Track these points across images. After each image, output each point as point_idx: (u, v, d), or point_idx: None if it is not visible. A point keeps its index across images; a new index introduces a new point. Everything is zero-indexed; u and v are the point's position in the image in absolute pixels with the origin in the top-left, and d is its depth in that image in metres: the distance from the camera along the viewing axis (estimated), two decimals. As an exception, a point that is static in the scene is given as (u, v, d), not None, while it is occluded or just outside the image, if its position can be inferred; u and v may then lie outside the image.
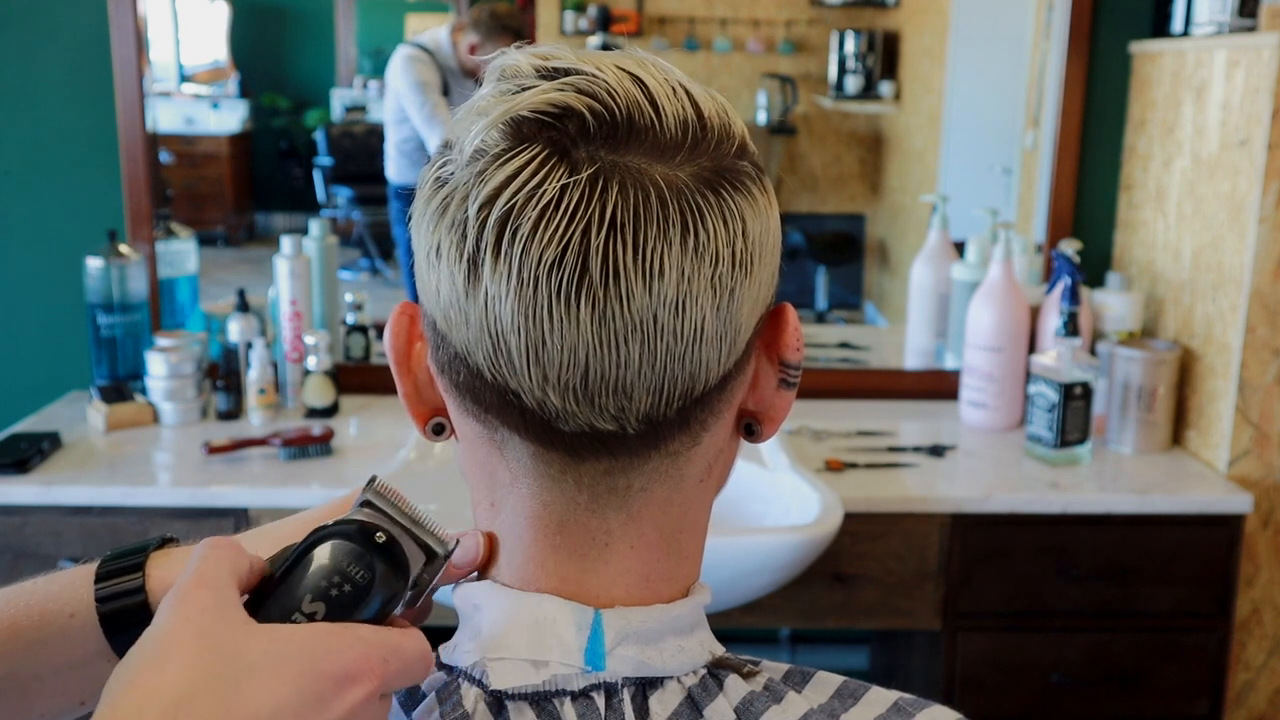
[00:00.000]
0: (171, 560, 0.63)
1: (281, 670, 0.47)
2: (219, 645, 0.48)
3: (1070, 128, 2.18)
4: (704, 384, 0.53)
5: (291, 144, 2.62)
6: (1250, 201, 1.77)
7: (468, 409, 0.56)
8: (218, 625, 0.49)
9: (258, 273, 2.27)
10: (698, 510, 0.60)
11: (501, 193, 0.50)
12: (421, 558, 0.54)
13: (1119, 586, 1.82)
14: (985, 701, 1.85)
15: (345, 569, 0.53)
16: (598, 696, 0.55)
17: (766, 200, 0.55)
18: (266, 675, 0.47)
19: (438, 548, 0.55)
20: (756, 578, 1.63)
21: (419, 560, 0.54)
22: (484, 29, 2.35)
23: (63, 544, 1.75)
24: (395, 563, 0.54)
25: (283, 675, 0.47)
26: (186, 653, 0.47)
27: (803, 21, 2.50)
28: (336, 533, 0.53)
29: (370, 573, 0.53)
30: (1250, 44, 1.77)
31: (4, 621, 0.61)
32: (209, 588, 0.50)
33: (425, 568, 0.54)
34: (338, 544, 0.53)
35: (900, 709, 0.59)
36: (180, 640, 0.48)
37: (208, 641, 0.48)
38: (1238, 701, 1.92)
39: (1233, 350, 1.83)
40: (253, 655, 0.48)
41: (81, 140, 2.14)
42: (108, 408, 1.97)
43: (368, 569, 0.53)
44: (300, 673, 0.48)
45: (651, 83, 0.52)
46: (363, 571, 0.53)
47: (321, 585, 0.52)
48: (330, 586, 0.52)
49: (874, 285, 2.70)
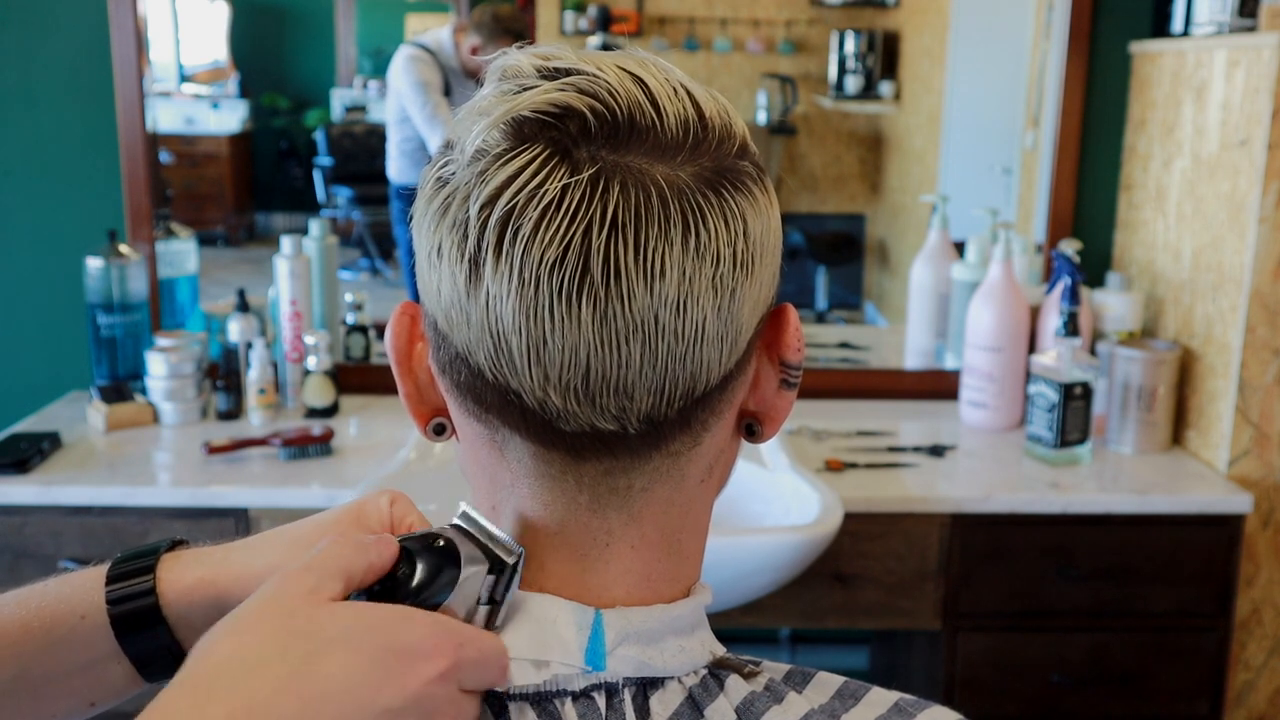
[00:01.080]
0: (182, 563, 0.63)
1: (357, 646, 0.48)
2: (299, 621, 0.49)
3: (1070, 128, 2.18)
4: (705, 384, 0.53)
5: (291, 144, 2.62)
6: (1250, 201, 1.77)
7: (469, 409, 0.56)
8: (302, 604, 0.50)
9: (258, 273, 2.27)
10: (699, 510, 0.60)
11: (503, 193, 0.50)
12: (485, 564, 0.55)
13: (1119, 586, 1.82)
14: (985, 701, 1.85)
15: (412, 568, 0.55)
16: (598, 697, 0.55)
17: (768, 200, 0.55)
18: (341, 650, 0.48)
19: (506, 557, 0.55)
20: (756, 578, 1.63)
21: (481, 566, 0.55)
22: (486, 31, 2.36)
23: (63, 544, 1.75)
24: (451, 560, 0.55)
25: (358, 650, 0.48)
26: (267, 624, 0.48)
27: (803, 21, 2.50)
28: (410, 541, 0.56)
29: (434, 571, 0.55)
30: (1250, 44, 1.77)
31: (15, 623, 0.61)
32: (313, 573, 0.51)
33: (498, 580, 0.55)
34: (412, 548, 0.55)
35: (901, 709, 0.59)
36: (264, 613, 0.49)
37: (289, 617, 0.49)
38: (1238, 701, 1.92)
39: (1233, 350, 1.83)
40: (331, 631, 0.49)
41: (81, 140, 2.14)
42: (108, 408, 1.97)
43: (432, 568, 0.55)
44: (374, 646, 0.49)
45: (653, 83, 0.52)
46: (428, 570, 0.55)
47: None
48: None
49: (874, 285, 2.70)
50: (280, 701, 0.46)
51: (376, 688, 0.48)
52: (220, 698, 0.45)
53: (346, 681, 0.47)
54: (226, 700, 0.45)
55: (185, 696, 0.46)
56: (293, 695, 0.46)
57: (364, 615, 0.50)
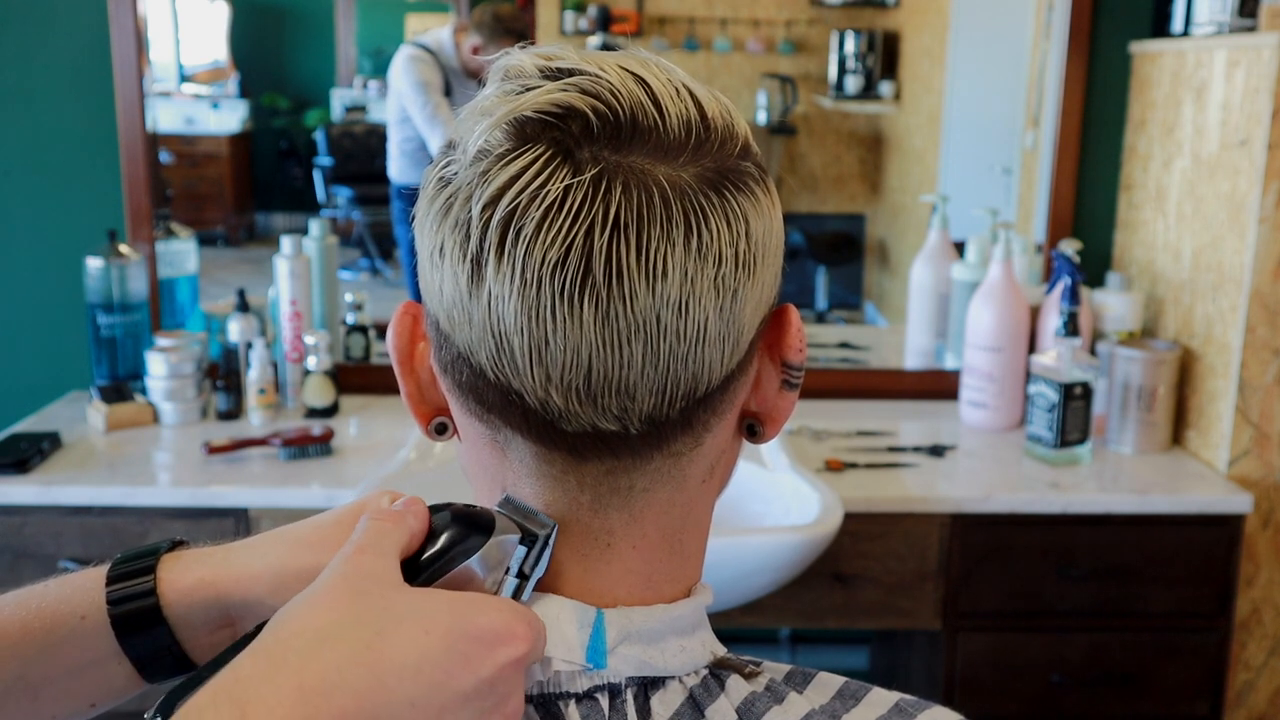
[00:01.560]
0: (182, 563, 0.63)
1: (431, 625, 0.48)
2: (371, 597, 0.49)
3: (1070, 128, 2.18)
4: (707, 384, 0.53)
5: (291, 144, 2.62)
6: (1250, 201, 1.77)
7: (470, 409, 0.56)
8: (373, 583, 0.50)
9: (258, 273, 2.27)
10: (700, 511, 0.60)
11: (505, 193, 0.50)
12: (517, 534, 0.55)
13: (1119, 586, 1.82)
14: (985, 701, 1.85)
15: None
16: (602, 698, 0.56)
17: (769, 201, 0.55)
18: (414, 628, 0.48)
19: (539, 531, 0.56)
20: (757, 578, 1.63)
21: (514, 535, 0.55)
22: (487, 31, 2.36)
23: (63, 544, 1.75)
24: (482, 528, 0.55)
25: (431, 630, 0.48)
26: (340, 600, 0.48)
27: (803, 21, 2.50)
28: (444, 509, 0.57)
29: (462, 536, 0.55)
30: (1250, 44, 1.77)
31: (15, 623, 0.61)
32: (372, 553, 0.51)
33: (529, 552, 0.56)
34: (449, 511, 0.56)
35: (901, 710, 0.59)
36: (336, 590, 0.49)
37: (361, 594, 0.49)
38: (1238, 701, 1.92)
39: (1233, 350, 1.83)
40: (402, 609, 0.49)
41: (81, 140, 2.14)
42: (108, 408, 1.97)
43: (459, 535, 0.55)
44: (449, 630, 0.48)
45: (655, 83, 0.52)
46: (455, 535, 0.55)
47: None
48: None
49: (874, 285, 2.70)
50: (352, 674, 0.46)
51: (450, 670, 0.48)
52: (292, 667, 0.45)
53: (420, 660, 0.47)
54: (298, 671, 0.45)
55: (258, 666, 0.46)
56: (364, 668, 0.46)
57: (438, 598, 0.50)
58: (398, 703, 0.46)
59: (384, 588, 0.50)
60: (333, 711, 0.45)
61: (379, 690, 0.46)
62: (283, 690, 0.44)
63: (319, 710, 0.44)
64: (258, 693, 0.44)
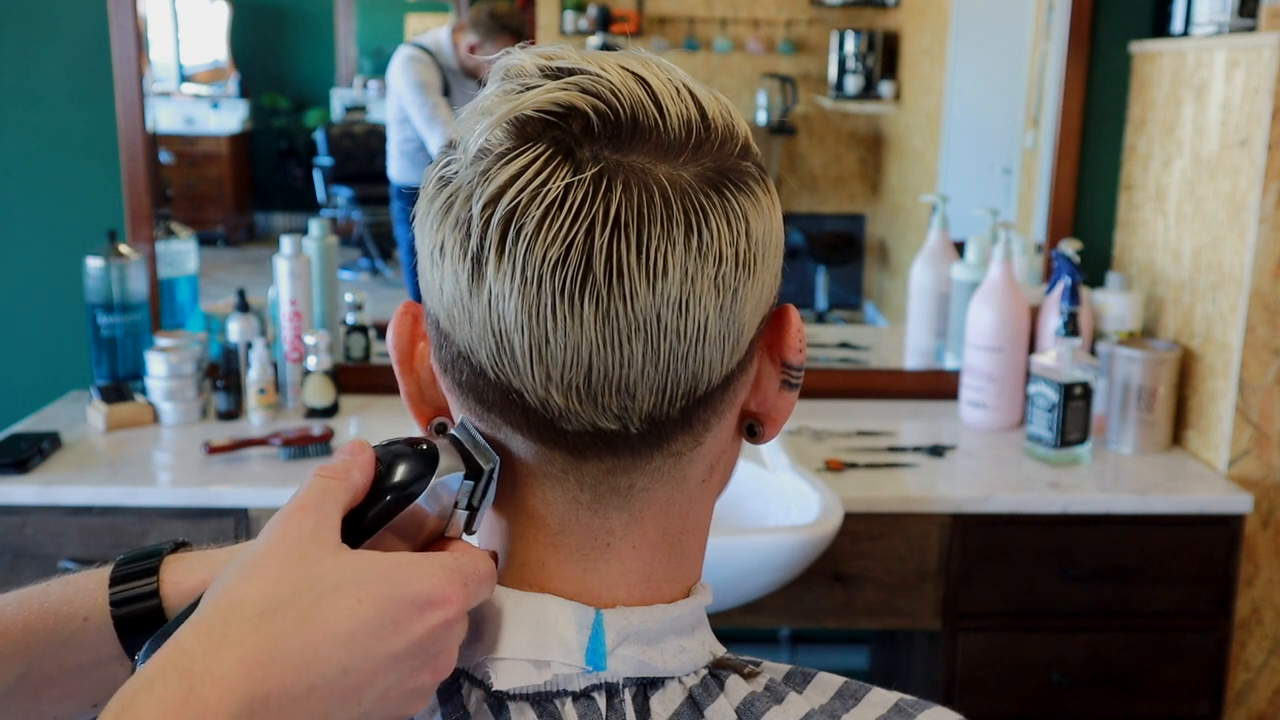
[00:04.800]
0: (185, 564, 0.63)
1: (363, 592, 0.49)
2: (306, 565, 0.50)
3: (1070, 128, 2.18)
4: (707, 384, 0.53)
5: (291, 144, 2.63)
6: (1250, 201, 1.77)
7: (470, 408, 0.56)
8: (309, 547, 0.50)
9: (258, 273, 2.27)
10: (700, 510, 0.60)
11: (505, 192, 0.50)
12: (462, 469, 0.56)
13: (1119, 586, 1.82)
14: (985, 701, 1.85)
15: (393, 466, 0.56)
16: (599, 697, 0.55)
17: (770, 200, 0.55)
18: (348, 596, 0.49)
19: (484, 464, 0.56)
20: (756, 578, 1.63)
21: (459, 470, 0.56)
22: (483, 29, 2.36)
23: (63, 544, 1.75)
24: (429, 463, 0.56)
25: (364, 597, 0.49)
26: (276, 569, 0.49)
27: (803, 21, 2.50)
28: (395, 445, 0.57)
29: (406, 481, 0.55)
30: (1250, 44, 1.77)
31: (18, 624, 0.61)
32: (311, 512, 0.52)
33: (475, 486, 0.56)
34: (394, 450, 0.56)
35: (901, 710, 0.59)
36: (272, 558, 0.50)
37: (297, 561, 0.50)
38: (1238, 701, 1.92)
39: (1233, 350, 1.83)
40: (337, 577, 0.50)
41: (81, 140, 2.14)
42: (108, 408, 1.97)
43: (404, 479, 0.55)
44: (380, 595, 0.50)
45: (655, 83, 0.52)
46: (400, 479, 0.55)
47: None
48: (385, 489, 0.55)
49: (874, 285, 2.70)
50: (289, 645, 0.47)
51: (380, 635, 0.49)
52: (233, 640, 0.47)
53: (353, 628, 0.48)
54: (239, 644, 0.46)
55: (199, 639, 0.47)
56: (301, 639, 0.47)
57: (372, 563, 0.51)
58: (332, 671, 0.48)
59: (321, 551, 0.50)
60: (272, 682, 0.46)
61: (315, 662, 0.47)
62: (227, 663, 0.46)
63: (259, 682, 0.46)
64: (204, 665, 0.46)
